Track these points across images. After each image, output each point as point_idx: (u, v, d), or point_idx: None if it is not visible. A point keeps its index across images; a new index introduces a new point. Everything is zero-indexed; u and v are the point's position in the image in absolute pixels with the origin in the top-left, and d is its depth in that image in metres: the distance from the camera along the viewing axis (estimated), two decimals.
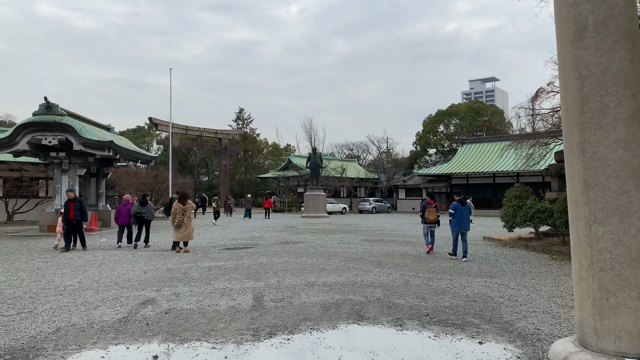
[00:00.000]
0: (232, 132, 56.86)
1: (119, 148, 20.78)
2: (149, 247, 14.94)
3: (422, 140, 65.29)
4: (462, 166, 43.82)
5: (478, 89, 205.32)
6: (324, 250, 13.71)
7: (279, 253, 12.93)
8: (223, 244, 15.58)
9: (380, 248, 14.27)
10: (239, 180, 68.68)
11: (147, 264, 11.05)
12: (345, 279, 8.90)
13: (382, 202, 46.68)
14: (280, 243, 15.80)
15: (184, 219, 13.38)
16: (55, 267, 10.65)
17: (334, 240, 16.96)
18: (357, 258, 11.90)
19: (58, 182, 21.06)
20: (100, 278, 9.13)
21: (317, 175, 36.70)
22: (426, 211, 13.60)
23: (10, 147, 19.35)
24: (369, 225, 26.23)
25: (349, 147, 70.99)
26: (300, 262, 11.17)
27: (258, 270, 9.90)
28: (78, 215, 13.65)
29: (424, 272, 9.83)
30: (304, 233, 20.15)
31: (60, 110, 19.81)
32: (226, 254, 12.90)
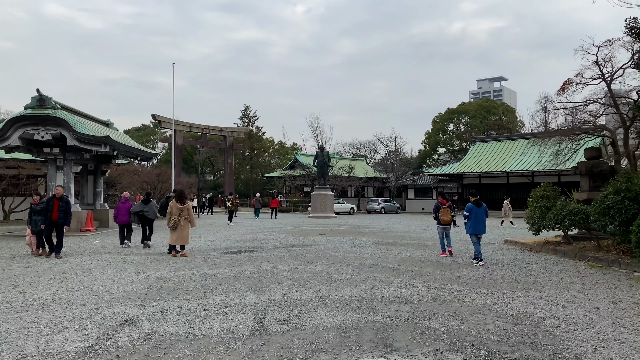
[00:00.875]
0: (238, 130, 55.65)
1: (116, 143, 19.61)
2: (149, 247, 14.30)
3: (432, 139, 63.81)
4: (474, 165, 42.39)
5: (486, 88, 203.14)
6: (335, 255, 12.45)
7: (285, 258, 11.68)
8: (224, 247, 14.36)
9: (396, 253, 12.99)
10: (245, 179, 67.48)
11: (137, 270, 9.84)
12: (363, 292, 7.64)
13: (391, 202, 45.33)
14: (286, 246, 14.56)
15: (180, 220, 12.16)
16: (33, 273, 9.46)
17: (345, 243, 15.69)
18: (372, 265, 10.63)
19: (52, 180, 19.91)
20: (79, 288, 7.92)
21: (324, 174, 35.42)
22: (440, 212, 12.71)
23: (1, 142, 18.20)
24: (380, 226, 24.93)
25: (357, 146, 69.75)
26: (309, 269, 9.91)
27: (261, 280, 8.65)
28: (62, 217, 12.01)
29: (452, 283, 8.55)
30: (312, 235, 18.90)
31: (54, 104, 18.66)
32: (227, 258, 11.67)
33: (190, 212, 12.49)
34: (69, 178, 19.95)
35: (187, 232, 12.38)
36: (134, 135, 68.58)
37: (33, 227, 12.15)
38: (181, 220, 12.21)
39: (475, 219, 11.52)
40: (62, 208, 11.99)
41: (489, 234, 19.06)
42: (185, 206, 12.34)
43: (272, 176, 56.33)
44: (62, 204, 12.05)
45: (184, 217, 12.29)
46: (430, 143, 64.13)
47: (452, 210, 13.18)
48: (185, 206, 12.34)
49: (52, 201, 12.11)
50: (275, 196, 37.78)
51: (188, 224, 12.43)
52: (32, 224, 12.21)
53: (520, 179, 40.29)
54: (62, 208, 11.99)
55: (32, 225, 12.18)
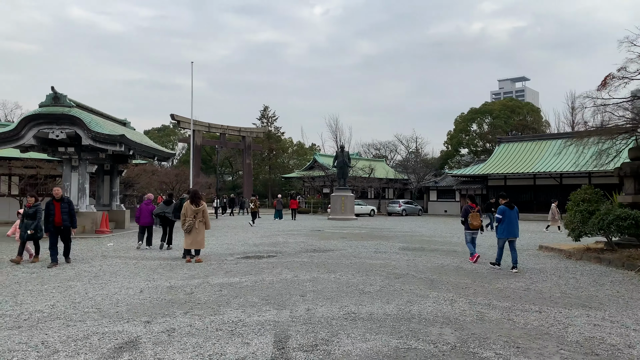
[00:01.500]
0: (256, 130, 55.11)
1: (132, 143, 19.03)
2: (171, 249, 14.10)
3: (454, 139, 62.35)
4: (499, 166, 41.00)
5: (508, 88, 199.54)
6: (360, 262, 11.56)
7: (307, 265, 10.84)
8: (242, 251, 13.59)
9: (426, 260, 12.04)
10: (263, 180, 66.98)
11: (147, 278, 9.10)
12: (397, 308, 6.74)
13: (412, 204, 44.18)
14: (307, 251, 13.72)
15: (195, 223, 11.42)
16: (37, 280, 8.79)
17: (368, 248, 14.79)
18: (402, 274, 9.71)
19: (67, 180, 19.44)
20: (82, 299, 7.19)
21: (344, 175, 34.50)
22: (469, 216, 12.00)
23: (15, 141, 17.77)
24: (403, 229, 23.94)
25: (376, 147, 68.68)
26: (334, 279, 9.05)
27: (281, 292, 7.82)
28: (67, 219, 10.84)
29: (496, 297, 7.60)
30: (333, 238, 18.03)
31: (69, 102, 18.16)
32: (244, 265, 10.88)
33: (205, 214, 11.73)
34: (84, 178, 19.45)
35: (202, 236, 11.64)
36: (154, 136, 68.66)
37: (22, 232, 10.95)
38: (196, 223, 11.47)
39: (509, 222, 10.96)
40: (64, 210, 10.83)
41: (522, 239, 17.98)
42: (200, 208, 11.59)
43: (291, 177, 55.65)
44: (64, 205, 10.88)
45: (199, 219, 11.54)
46: (452, 143, 62.67)
47: (480, 215, 12.53)
48: (200, 208, 11.59)
49: (52, 204, 10.82)
50: (294, 197, 36.99)
51: (203, 226, 11.69)
52: (23, 228, 10.98)
53: (548, 181, 38.82)
54: (64, 210, 10.83)
55: (22, 230, 10.97)
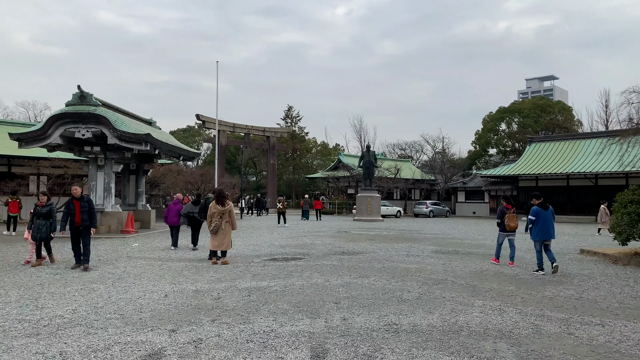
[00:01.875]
0: (281, 130, 54.85)
1: (157, 142, 18.83)
2: (196, 250, 13.86)
3: (482, 139, 60.97)
4: (530, 167, 39.74)
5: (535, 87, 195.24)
6: (393, 265, 10.98)
7: (337, 269, 10.32)
8: (269, 253, 13.16)
9: (463, 264, 11.39)
10: (287, 180, 66.78)
11: (172, 281, 8.72)
12: (441, 318, 6.17)
13: (440, 206, 43.20)
14: (335, 253, 13.21)
15: (221, 224, 11.01)
16: (60, 282, 8.50)
17: (400, 250, 14.18)
18: (440, 280, 9.11)
19: (93, 180, 19.36)
20: (105, 304, 6.83)
21: (370, 176, 33.85)
22: (505, 217, 11.53)
23: (42, 140, 17.75)
24: (432, 231, 23.20)
25: (401, 147, 67.76)
26: (368, 285, 8.51)
27: (313, 298, 7.32)
28: (86, 219, 10.15)
29: (547, 306, 6.94)
30: (361, 240, 17.47)
31: (95, 100, 18.05)
32: (272, 267, 10.42)
33: (232, 215, 11.32)
34: (110, 178, 19.34)
35: (229, 237, 11.23)
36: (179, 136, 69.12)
37: (35, 233, 10.29)
38: (222, 223, 11.07)
39: (543, 223, 10.48)
40: (84, 209, 10.16)
41: (559, 242, 17.12)
42: (226, 208, 11.18)
43: (315, 177, 55.24)
44: (84, 204, 10.22)
45: (225, 220, 11.14)
46: (480, 143, 61.30)
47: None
48: (226, 208, 11.18)
49: (72, 203, 10.26)
50: (318, 197, 36.47)
51: (230, 227, 11.27)
52: (35, 229, 10.31)
53: (582, 182, 37.43)
54: (84, 209, 10.16)
55: (34, 231, 10.30)
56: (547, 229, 10.50)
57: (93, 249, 13.69)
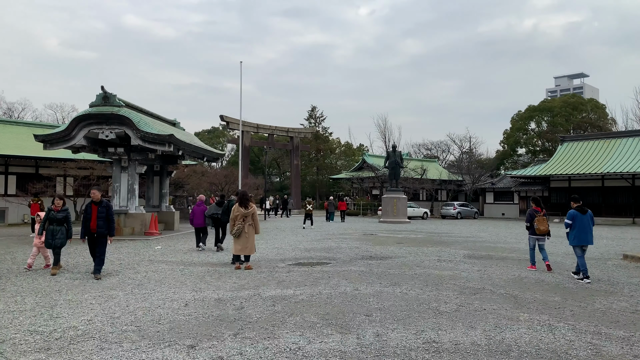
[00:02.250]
0: (304, 130, 54.46)
1: (181, 143, 18.59)
2: (222, 250, 13.80)
3: (511, 138, 59.45)
4: (562, 167, 38.38)
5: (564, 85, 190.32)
6: (424, 272, 10.38)
7: (366, 275, 9.77)
8: (293, 257, 12.70)
9: (499, 271, 10.70)
10: (311, 181, 66.40)
11: (194, 288, 8.32)
12: (485, 335, 5.57)
13: (467, 207, 42.10)
14: (363, 258, 12.66)
15: (244, 227, 10.59)
16: (79, 288, 8.19)
17: (430, 255, 13.55)
18: (478, 289, 8.48)
19: (117, 181, 19.25)
20: (122, 313, 6.45)
21: (396, 176, 33.13)
22: (535, 220, 11.02)
23: (67, 141, 17.70)
24: (462, 234, 22.41)
25: (427, 147, 66.62)
26: (400, 294, 7.94)
27: (342, 309, 6.81)
28: (102, 225, 9.37)
29: (602, 322, 6.27)
30: (388, 244, 16.87)
31: (118, 101, 17.91)
32: (297, 273, 9.94)
33: (255, 218, 10.89)
34: (134, 179, 19.20)
35: (252, 241, 10.79)
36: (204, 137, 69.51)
37: (48, 239, 9.60)
38: (246, 226, 10.65)
39: (580, 228, 9.98)
40: (101, 215, 9.39)
41: (598, 247, 16.24)
42: (250, 211, 10.74)
43: (339, 178, 54.66)
44: (102, 210, 9.43)
45: (248, 223, 10.71)
46: (509, 143, 59.78)
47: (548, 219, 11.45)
48: (250, 211, 10.74)
49: (90, 207, 9.52)
50: (342, 199, 35.89)
51: (253, 230, 10.84)
52: (48, 235, 9.60)
53: (618, 182, 35.95)
54: (101, 215, 9.39)
55: (48, 237, 9.59)
56: (585, 234, 9.99)
57: (115, 251, 13.52)
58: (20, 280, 8.91)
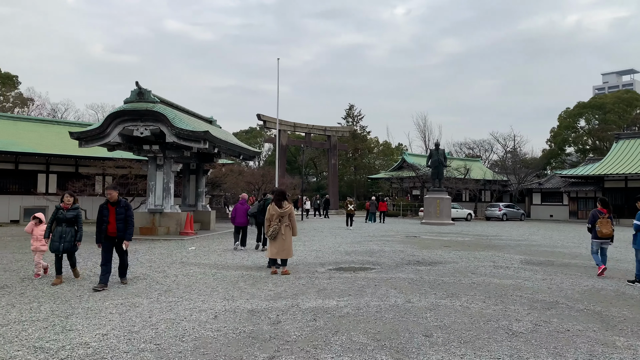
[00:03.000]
0: (342, 129, 53.44)
1: (216, 140, 17.94)
2: (264, 250, 13.13)
3: (558, 137, 56.62)
4: (618, 166, 35.91)
5: (613, 82, 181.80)
6: (482, 280, 9.21)
7: (417, 284, 8.70)
8: (334, 261, 11.74)
9: (569, 280, 9.41)
10: (348, 181, 65.32)
11: (225, 295, 7.48)
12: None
13: (513, 208, 40.03)
14: (410, 263, 11.57)
15: (280, 228, 9.71)
16: (103, 293, 7.48)
17: (484, 261, 12.31)
18: (550, 303, 7.28)
19: (152, 179, 18.80)
20: (142, 327, 5.64)
21: (439, 176, 31.67)
22: (597, 222, 9.97)
23: (101, 139, 17.33)
24: (512, 236, 20.88)
25: (469, 146, 64.36)
26: (461, 308, 6.85)
27: (396, 327, 5.79)
28: (121, 228, 8.20)
29: None
30: (435, 247, 15.68)
31: (153, 97, 17.42)
32: (339, 280, 8.97)
33: (292, 218, 9.99)
34: (169, 177, 18.70)
35: (289, 243, 9.89)
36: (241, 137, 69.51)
37: (55, 242, 8.27)
38: (282, 227, 9.76)
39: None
40: (120, 216, 8.20)
41: None
42: (285, 210, 9.85)
43: (378, 178, 53.34)
44: (120, 211, 8.24)
45: (284, 224, 9.82)
46: (556, 141, 56.96)
47: (612, 222, 10.25)
48: (285, 210, 9.85)
49: (106, 208, 8.24)
50: (383, 199, 34.59)
51: (290, 232, 9.95)
52: (56, 237, 8.30)
53: None
54: (120, 216, 8.20)
55: (55, 239, 8.29)
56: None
57: (148, 252, 12.93)
58: (42, 283, 8.30)
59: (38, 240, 8.76)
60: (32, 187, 26.85)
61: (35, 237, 8.82)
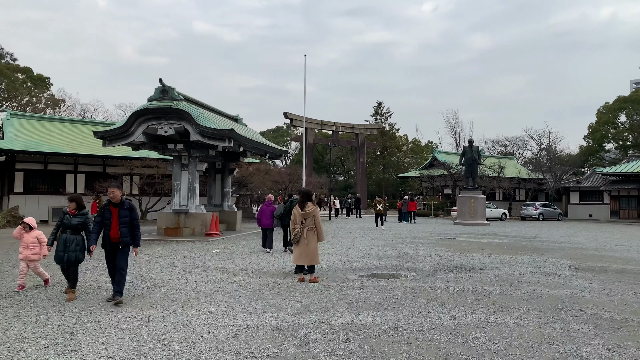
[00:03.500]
0: (370, 126, 52.45)
1: (241, 138, 17.35)
2: (291, 253, 12.12)
3: (597, 133, 54.24)
4: None
5: None
6: (533, 291, 8.27)
7: (460, 295, 7.83)
8: (366, 266, 10.95)
9: (631, 291, 8.38)
10: (376, 179, 64.22)
11: (248, 308, 6.79)
12: None
13: (550, 207, 38.35)
14: (448, 269, 10.68)
15: (303, 232, 8.96)
16: (112, 307, 6.89)
17: (528, 266, 11.32)
18: (618, 320, 6.34)
19: (177, 179, 18.36)
20: (153, 347, 5.00)
21: (473, 174, 30.42)
22: None
23: (125, 138, 16.95)
24: (553, 238, 19.65)
25: (502, 143, 62.45)
26: (515, 326, 5.97)
27: (443, 350, 4.98)
28: (126, 234, 7.15)
29: None
30: (472, 250, 14.70)
31: (177, 95, 16.95)
32: (373, 290, 8.18)
33: (317, 221, 9.17)
34: (194, 177, 18.23)
35: (313, 249, 9.05)
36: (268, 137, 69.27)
37: (60, 252, 7.25)
38: (305, 231, 9.00)
39: None
40: (124, 219, 7.15)
41: None
42: (308, 212, 9.06)
43: (407, 176, 52.13)
44: (124, 213, 7.18)
45: (307, 226, 9.05)
46: (594, 138, 54.57)
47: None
48: (308, 212, 9.06)
49: (108, 210, 7.19)
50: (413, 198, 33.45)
51: (315, 236, 9.14)
52: (60, 245, 7.29)
53: None
54: (124, 219, 7.15)
55: (60, 249, 7.27)
56: None
57: (170, 255, 12.38)
58: (54, 292, 7.78)
59: (29, 248, 7.75)
60: (60, 187, 26.92)
61: (26, 244, 7.77)
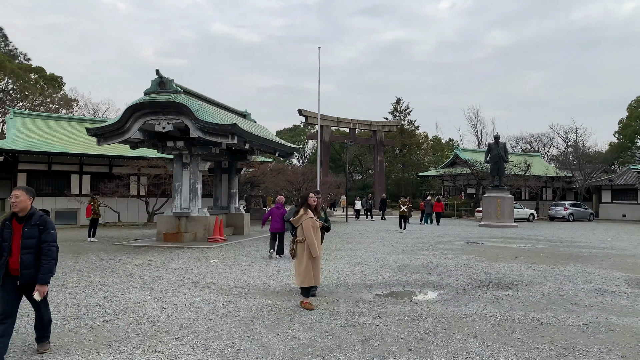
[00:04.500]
0: (388, 123, 50.55)
1: (246, 134, 15.80)
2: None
3: (628, 128, 51.45)
4: None
5: None
6: (594, 319, 6.52)
7: (503, 326, 6.13)
8: (383, 281, 9.31)
9: None
10: (395, 179, 62.24)
11: (228, 348, 5.21)
12: None
13: (581, 207, 36.02)
14: (482, 285, 8.96)
15: (296, 245, 7.33)
16: (71, 335, 5.39)
17: (576, 281, 9.52)
18: None
19: (178, 180, 16.94)
20: None
21: (500, 172, 28.42)
22: None
23: (121, 135, 15.55)
24: (592, 242, 17.66)
25: (526, 140, 59.89)
26: None
27: None
28: (30, 263, 4.72)
29: None
30: (505, 259, 12.92)
31: (175, 87, 15.50)
32: (392, 320, 6.52)
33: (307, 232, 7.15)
34: (196, 177, 16.77)
35: (305, 268, 7.09)
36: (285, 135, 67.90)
37: None
38: (297, 245, 7.31)
39: None
40: (29, 242, 4.76)
41: None
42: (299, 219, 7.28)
43: (428, 175, 50.08)
44: (31, 232, 4.78)
45: (299, 238, 7.27)
46: (626, 134, 51.77)
47: None
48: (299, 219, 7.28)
49: (9, 227, 4.80)
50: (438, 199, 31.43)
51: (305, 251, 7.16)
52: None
53: None
54: (29, 242, 4.76)
55: None
56: None
57: (161, 265, 10.81)
58: None
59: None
60: (65, 189, 25.81)
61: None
